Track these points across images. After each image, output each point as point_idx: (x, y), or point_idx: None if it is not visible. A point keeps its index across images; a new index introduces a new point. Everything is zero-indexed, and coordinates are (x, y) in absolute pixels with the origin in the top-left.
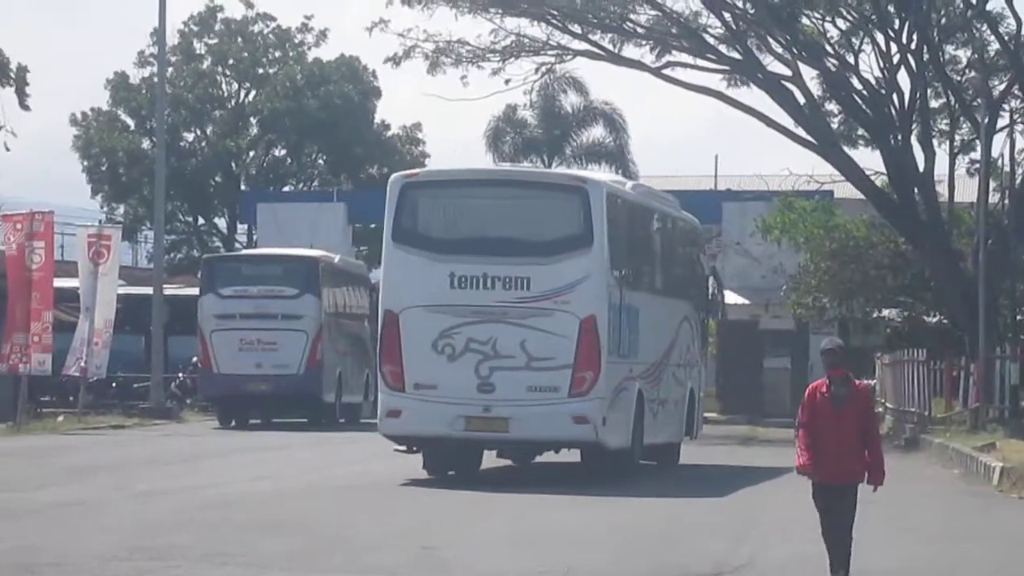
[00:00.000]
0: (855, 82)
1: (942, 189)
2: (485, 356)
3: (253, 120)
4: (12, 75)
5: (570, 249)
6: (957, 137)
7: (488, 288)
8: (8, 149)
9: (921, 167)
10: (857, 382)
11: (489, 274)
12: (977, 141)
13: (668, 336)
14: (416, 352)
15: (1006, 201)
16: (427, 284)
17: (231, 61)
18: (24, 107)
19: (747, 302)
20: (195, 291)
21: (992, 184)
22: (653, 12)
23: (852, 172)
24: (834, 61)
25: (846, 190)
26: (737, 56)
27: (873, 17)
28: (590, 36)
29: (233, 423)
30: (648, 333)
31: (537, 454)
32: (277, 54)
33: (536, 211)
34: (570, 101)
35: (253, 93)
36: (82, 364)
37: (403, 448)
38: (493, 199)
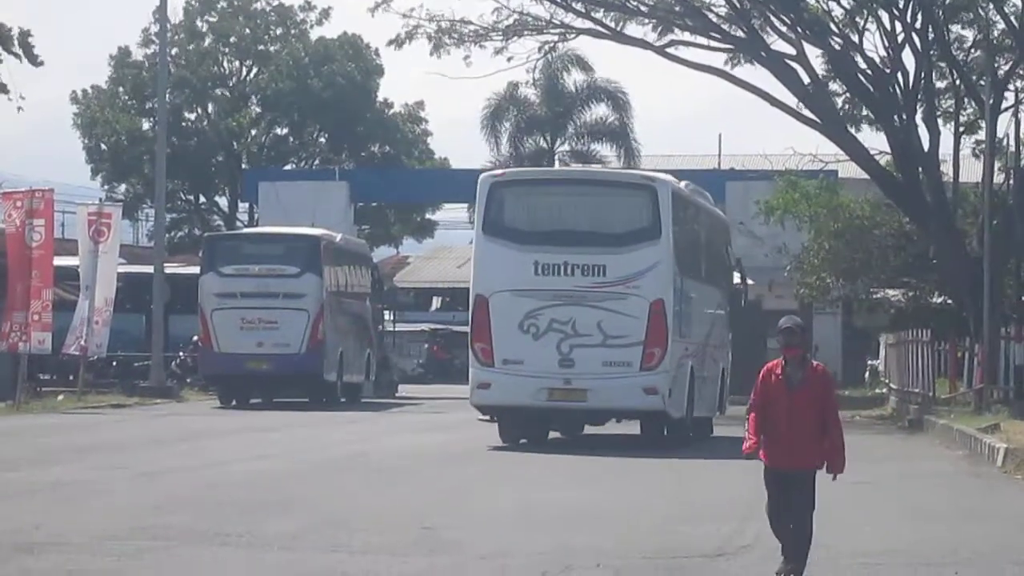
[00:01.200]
0: (859, 61)
1: (946, 169)
2: (566, 335)
3: (255, 98)
4: (16, 40)
5: (640, 240)
6: (962, 117)
7: (568, 275)
8: (21, 109)
9: (926, 147)
10: (815, 364)
11: (569, 262)
12: (982, 121)
13: (709, 320)
14: (504, 331)
15: (1011, 181)
16: (514, 271)
17: (233, 39)
18: (35, 63)
19: (751, 282)
20: (196, 270)
21: (997, 164)
22: None
23: (856, 152)
24: (838, 40)
25: (850, 170)
26: (741, 35)
27: None
28: (593, 14)
29: (234, 402)
30: (697, 316)
31: (606, 422)
32: (279, 31)
33: (610, 207)
34: (573, 79)
35: (255, 71)
36: (82, 343)
37: (487, 417)
38: (572, 196)
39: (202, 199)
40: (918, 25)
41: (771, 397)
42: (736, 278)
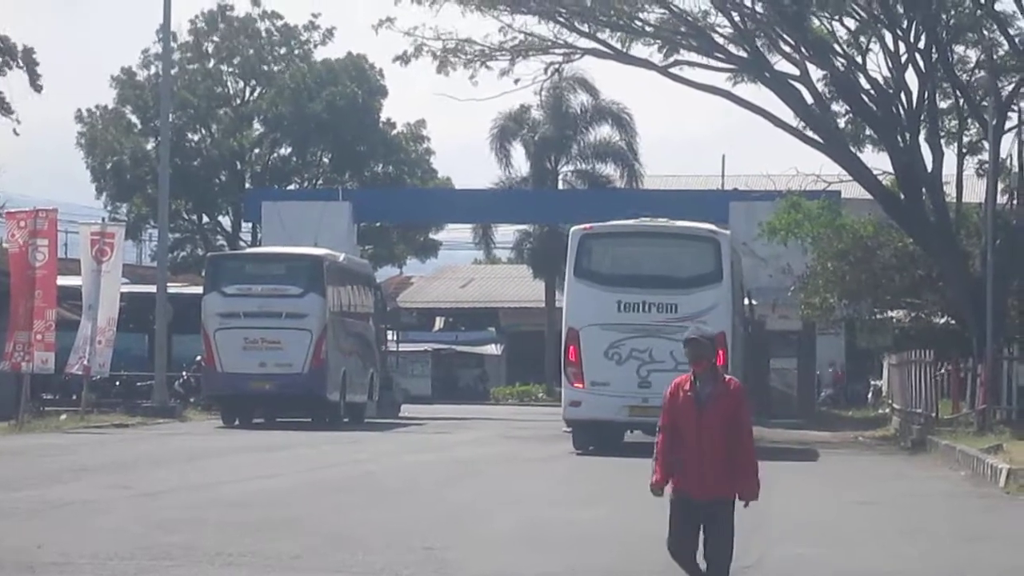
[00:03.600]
0: (863, 81)
1: (949, 189)
2: (643, 361)
3: (258, 118)
4: (19, 57)
5: (706, 283)
6: (965, 137)
7: (646, 311)
8: (17, 134)
9: (929, 167)
10: (728, 378)
11: (647, 301)
12: (985, 141)
13: (741, 345)
14: (592, 358)
15: (1014, 202)
16: (600, 308)
17: (237, 59)
18: (36, 87)
19: (754, 302)
20: (199, 289)
21: (1000, 185)
22: (661, 11)
23: (859, 172)
24: (842, 60)
25: (853, 190)
26: (745, 55)
27: (881, 16)
28: (598, 35)
29: (237, 422)
30: (738, 344)
31: None
32: (282, 51)
33: (680, 255)
34: (579, 100)
35: (258, 91)
36: (85, 362)
37: (569, 430)
38: (648, 246)
39: (205, 219)
40: (921, 45)
41: (679, 416)
42: (748, 305)
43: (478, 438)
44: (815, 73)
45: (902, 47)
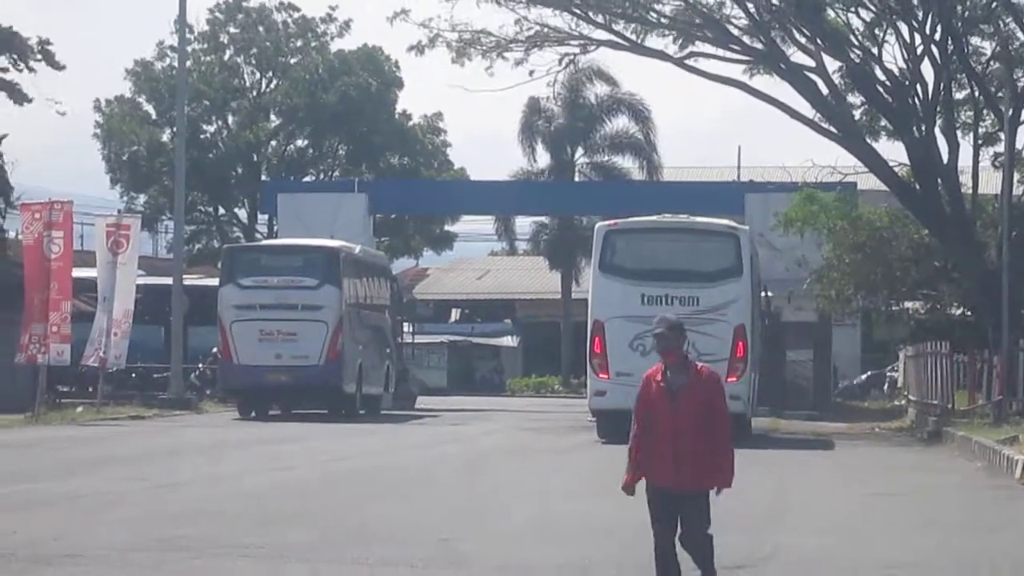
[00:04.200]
0: (879, 73)
1: (965, 180)
2: None
3: (274, 110)
4: (35, 49)
5: (727, 277)
6: (981, 128)
7: (669, 304)
8: (63, 113)
9: (945, 159)
10: (700, 367)
11: (669, 294)
12: (1001, 132)
13: (759, 337)
14: (617, 349)
15: None
16: (625, 301)
17: (253, 50)
18: (57, 67)
19: (770, 294)
20: (215, 281)
21: (1016, 176)
22: (677, 2)
23: (875, 163)
24: (858, 52)
25: (869, 182)
26: (760, 47)
27: (897, 8)
28: (613, 26)
29: (253, 414)
30: (756, 336)
31: None
32: (299, 43)
33: (701, 250)
34: (595, 92)
35: (274, 83)
36: (101, 354)
37: (594, 420)
38: (671, 241)
39: (221, 211)
40: (937, 37)
41: (653, 408)
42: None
43: (494, 430)
44: (831, 65)
45: (918, 38)
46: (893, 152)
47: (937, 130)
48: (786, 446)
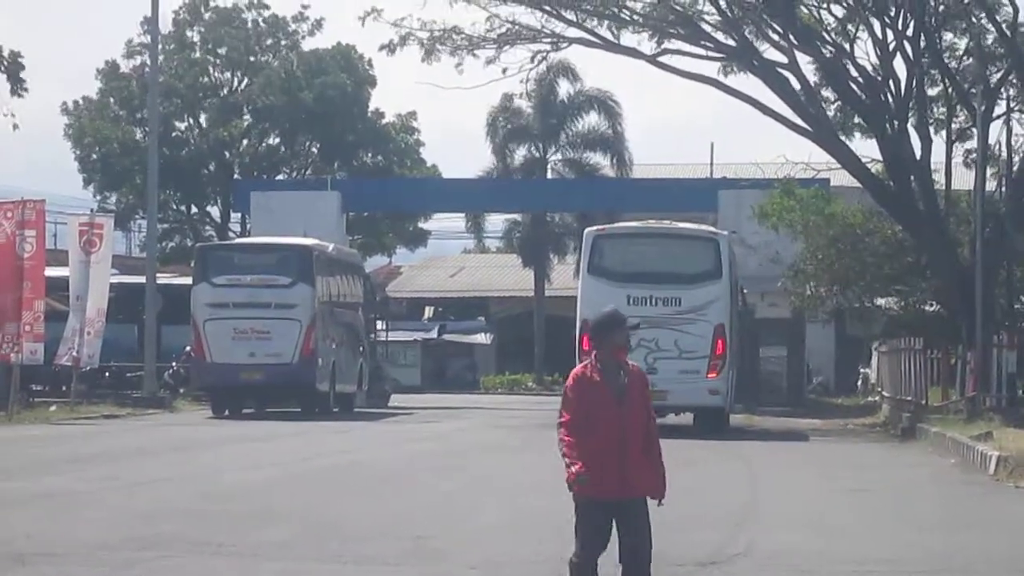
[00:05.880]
0: (851, 69)
1: (938, 177)
2: (651, 350)
3: (246, 109)
4: (5, 61)
5: (707, 279)
6: (954, 125)
7: (653, 305)
8: (17, 127)
9: (918, 155)
10: (633, 365)
11: (653, 295)
12: (974, 129)
13: (737, 335)
14: None
15: (1003, 189)
16: (611, 301)
17: (223, 50)
18: (17, 93)
19: (744, 291)
20: (188, 280)
21: (989, 172)
22: None
23: (848, 160)
24: (830, 48)
25: (842, 178)
26: (733, 43)
27: (869, 4)
28: (586, 24)
29: (227, 412)
30: (735, 334)
31: (680, 414)
32: (269, 42)
33: (684, 254)
34: (566, 89)
35: (246, 82)
36: (74, 353)
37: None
38: (655, 245)
39: (194, 209)
40: (910, 33)
41: (595, 410)
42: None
43: (468, 427)
44: (803, 61)
45: (890, 34)
46: (866, 148)
47: (910, 126)
48: (760, 439)
